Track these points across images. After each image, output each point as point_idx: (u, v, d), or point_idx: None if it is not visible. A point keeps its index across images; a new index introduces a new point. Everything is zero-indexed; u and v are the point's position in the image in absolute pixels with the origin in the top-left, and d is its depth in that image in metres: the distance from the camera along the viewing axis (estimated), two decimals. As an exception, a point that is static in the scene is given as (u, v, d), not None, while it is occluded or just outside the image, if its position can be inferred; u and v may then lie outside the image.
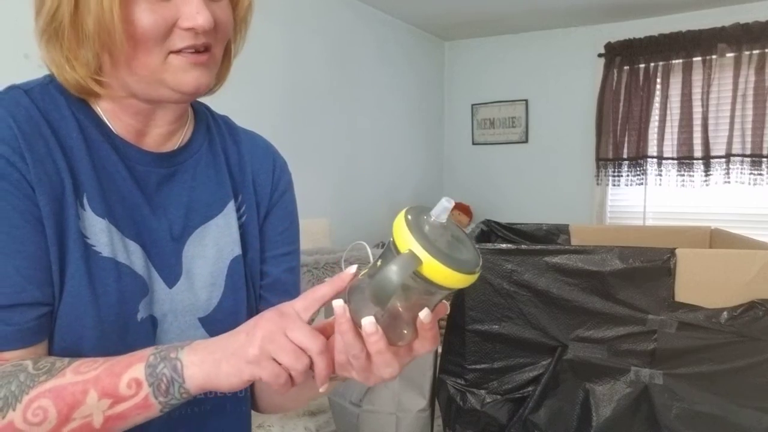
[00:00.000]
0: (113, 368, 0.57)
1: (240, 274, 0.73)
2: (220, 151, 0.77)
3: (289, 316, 0.56)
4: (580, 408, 1.27)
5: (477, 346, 1.30)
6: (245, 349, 0.54)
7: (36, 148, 0.62)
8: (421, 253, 0.49)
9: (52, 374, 0.57)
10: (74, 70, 0.63)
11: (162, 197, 0.70)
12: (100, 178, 0.66)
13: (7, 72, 2.13)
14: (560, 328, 1.28)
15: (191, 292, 0.70)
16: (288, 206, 0.81)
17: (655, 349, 1.24)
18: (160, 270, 0.69)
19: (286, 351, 0.54)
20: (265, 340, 0.54)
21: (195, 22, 0.61)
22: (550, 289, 1.27)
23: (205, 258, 0.72)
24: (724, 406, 1.21)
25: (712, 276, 1.23)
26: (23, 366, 0.57)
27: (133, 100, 0.67)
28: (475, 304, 1.30)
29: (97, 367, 0.57)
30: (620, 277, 1.24)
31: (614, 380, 1.26)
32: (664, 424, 1.22)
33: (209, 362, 0.56)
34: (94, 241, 0.64)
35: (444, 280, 0.50)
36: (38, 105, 0.64)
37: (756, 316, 1.19)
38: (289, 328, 0.55)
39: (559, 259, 1.27)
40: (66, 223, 0.62)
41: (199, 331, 0.70)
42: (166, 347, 0.58)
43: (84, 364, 0.58)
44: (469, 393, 1.30)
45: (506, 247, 1.30)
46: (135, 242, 0.67)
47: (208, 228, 0.73)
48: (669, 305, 1.23)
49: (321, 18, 3.44)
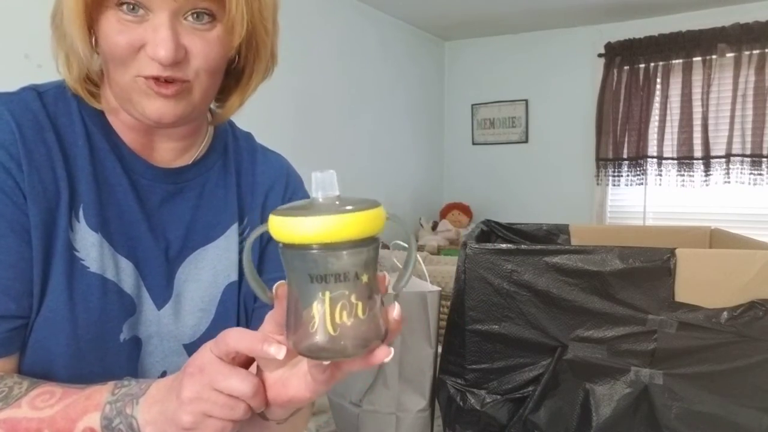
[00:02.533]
0: (68, 412, 0.54)
1: (233, 302, 0.70)
2: (233, 171, 0.74)
3: (210, 367, 0.50)
4: (580, 408, 1.27)
5: (477, 346, 1.30)
6: (179, 416, 0.50)
7: (35, 155, 0.60)
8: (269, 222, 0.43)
9: (8, 403, 0.55)
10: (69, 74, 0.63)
11: (163, 215, 0.68)
12: (100, 189, 0.64)
13: (7, 72, 2.13)
14: (560, 328, 1.28)
15: (176, 317, 0.67)
16: None
17: (655, 349, 1.24)
18: (151, 290, 0.66)
19: (219, 405, 0.50)
20: (195, 403, 0.50)
21: (155, 54, 0.57)
22: (550, 289, 1.27)
23: (198, 282, 0.69)
24: (724, 406, 1.21)
25: (712, 276, 1.23)
26: None
27: (126, 115, 0.65)
28: (475, 304, 1.30)
29: (53, 405, 0.55)
30: (620, 277, 1.24)
31: (614, 380, 1.26)
32: (664, 424, 1.22)
33: (160, 423, 0.52)
34: (84, 255, 0.62)
35: (288, 234, 0.41)
36: (48, 109, 0.63)
37: (756, 316, 1.19)
38: (214, 380, 0.49)
39: (559, 259, 1.27)
40: (55, 235, 0.60)
41: (182, 358, 0.66)
42: (122, 394, 0.55)
43: (39, 397, 0.55)
44: (469, 393, 1.30)
45: (506, 247, 1.30)
46: (127, 259, 0.65)
47: (206, 250, 0.70)
48: (669, 305, 1.23)
49: (321, 18, 3.44)
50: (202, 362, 0.50)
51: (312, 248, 0.41)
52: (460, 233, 4.31)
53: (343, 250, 0.42)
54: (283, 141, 3.54)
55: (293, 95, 3.24)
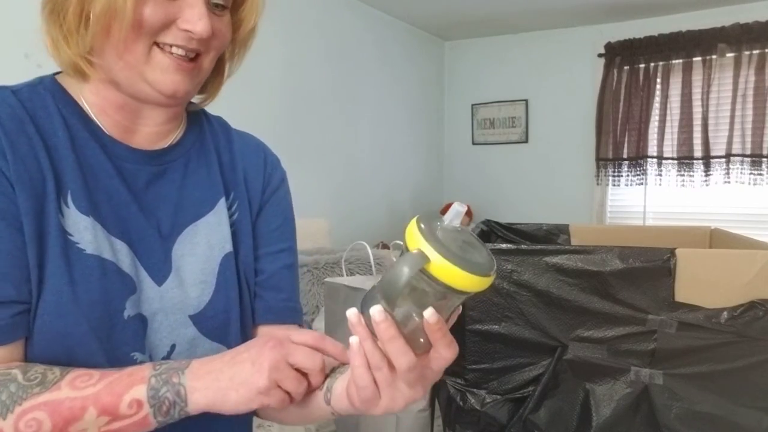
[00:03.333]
0: (113, 387, 0.58)
1: (232, 272, 0.73)
2: (212, 150, 0.77)
3: (287, 343, 0.60)
4: (580, 408, 1.27)
5: (477, 346, 1.30)
6: (255, 380, 0.57)
7: (18, 146, 0.62)
8: (429, 252, 0.49)
9: (46, 387, 0.57)
10: (68, 47, 0.64)
11: (151, 195, 0.70)
12: (86, 176, 0.66)
13: (7, 72, 2.12)
14: (560, 328, 1.28)
15: (181, 289, 0.70)
16: (281, 203, 0.81)
17: (655, 349, 1.24)
18: (149, 268, 0.68)
19: (290, 378, 0.59)
20: (273, 371, 0.58)
21: (194, 27, 0.63)
22: (550, 289, 1.27)
23: (195, 255, 0.71)
24: (724, 406, 1.21)
25: (712, 276, 1.23)
26: (12, 375, 0.57)
27: (117, 93, 0.67)
28: (475, 304, 1.30)
29: (95, 384, 0.58)
30: (620, 277, 1.24)
31: (614, 380, 1.26)
32: (664, 424, 1.22)
33: (214, 389, 0.58)
34: (78, 238, 0.64)
35: (453, 280, 0.49)
36: (24, 104, 0.65)
37: (756, 316, 1.19)
38: (290, 354, 0.59)
39: (559, 259, 1.27)
40: (46, 221, 0.62)
41: (190, 329, 0.70)
42: (165, 369, 0.59)
43: (79, 378, 0.58)
44: (469, 393, 1.30)
45: (506, 247, 1.30)
46: (121, 240, 0.67)
47: (198, 226, 0.73)
48: (669, 305, 1.23)
49: (321, 18, 3.44)
50: (280, 338, 0.60)
51: (463, 293, 0.51)
52: (460, 233, 4.31)
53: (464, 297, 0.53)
54: (283, 141, 3.54)
55: (293, 95, 3.24)
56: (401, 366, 0.53)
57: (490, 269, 0.50)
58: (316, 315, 2.00)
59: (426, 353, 0.55)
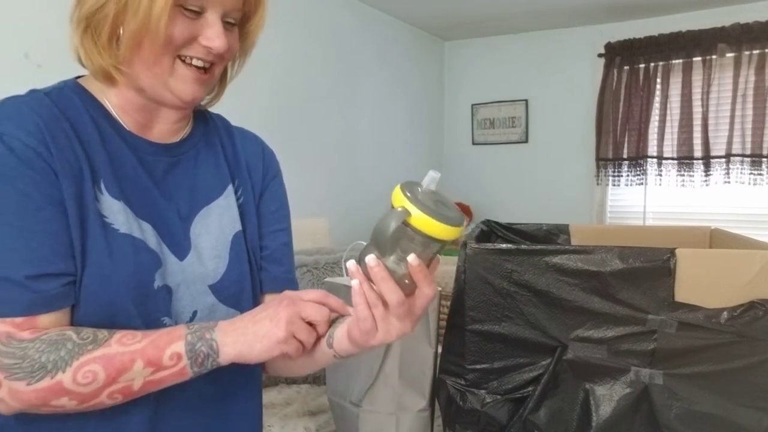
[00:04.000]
0: (156, 343, 0.69)
1: (242, 248, 0.84)
2: (217, 143, 0.88)
3: (299, 300, 0.72)
4: (580, 408, 1.27)
5: (477, 346, 1.30)
6: (274, 332, 0.70)
7: (58, 140, 0.72)
8: (410, 208, 0.62)
9: (98, 344, 0.68)
10: (101, 58, 0.74)
11: (169, 182, 0.81)
12: (114, 166, 0.76)
13: (7, 72, 2.13)
14: (560, 328, 1.28)
15: (200, 263, 0.80)
16: (278, 189, 0.92)
17: (655, 349, 1.24)
18: (171, 246, 0.78)
19: (303, 330, 0.71)
20: (288, 324, 0.70)
21: (213, 44, 0.74)
22: (550, 289, 1.27)
23: (210, 234, 0.82)
24: (724, 406, 1.21)
25: (712, 276, 1.23)
26: (68, 336, 0.68)
27: (139, 97, 0.78)
28: (475, 304, 1.30)
29: (140, 341, 0.69)
30: (620, 277, 1.24)
31: (614, 380, 1.26)
32: (664, 424, 1.22)
33: (241, 342, 0.70)
34: (112, 219, 0.74)
35: (430, 230, 0.62)
36: (57, 104, 0.74)
37: (756, 316, 1.19)
38: (302, 310, 0.71)
39: (559, 259, 1.27)
40: (86, 205, 0.72)
41: (209, 297, 0.80)
42: (198, 327, 0.71)
43: (125, 336, 0.69)
44: (469, 393, 1.30)
45: (506, 247, 1.30)
46: (147, 222, 0.77)
47: (210, 209, 0.84)
48: (669, 305, 1.23)
49: (321, 18, 3.44)
50: (292, 297, 0.72)
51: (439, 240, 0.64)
52: (460, 233, 4.31)
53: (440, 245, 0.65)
54: (283, 140, 3.54)
55: (293, 95, 3.24)
56: (392, 302, 0.66)
57: (460, 222, 0.63)
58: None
59: (412, 293, 0.67)
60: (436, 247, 0.64)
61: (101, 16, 0.72)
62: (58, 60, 2.13)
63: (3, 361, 0.66)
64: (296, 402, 1.79)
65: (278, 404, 1.77)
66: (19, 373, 0.66)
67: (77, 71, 1.05)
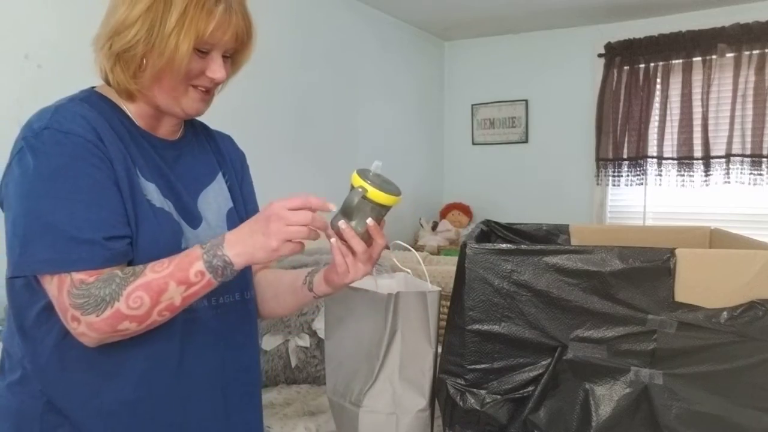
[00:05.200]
0: (180, 266, 0.88)
1: (234, 221, 1.08)
2: (204, 141, 1.13)
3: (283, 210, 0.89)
4: (580, 408, 1.27)
5: (477, 346, 1.30)
6: (269, 244, 0.89)
7: (105, 135, 0.92)
8: (366, 186, 0.93)
9: (137, 276, 0.87)
10: (128, 84, 0.95)
11: (178, 170, 1.04)
12: (143, 156, 0.98)
13: (7, 72, 2.13)
14: (560, 328, 1.28)
15: (209, 231, 1.03)
16: (249, 176, 1.21)
17: (655, 349, 1.24)
18: (186, 219, 1.01)
19: (293, 232, 0.89)
20: (277, 234, 0.88)
21: (216, 76, 0.98)
22: (550, 289, 1.27)
23: (210, 210, 1.06)
24: (724, 406, 1.21)
25: (712, 276, 1.23)
26: (114, 273, 0.87)
27: (150, 108, 1.00)
28: (475, 304, 1.30)
29: (168, 267, 0.88)
30: (620, 277, 1.24)
31: (614, 380, 1.26)
32: (664, 424, 1.22)
33: (245, 254, 0.90)
34: (150, 197, 0.96)
35: (380, 200, 0.94)
36: (94, 108, 0.95)
37: (756, 316, 1.19)
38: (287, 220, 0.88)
39: (559, 259, 1.27)
40: (132, 185, 0.93)
41: None
42: (209, 247, 0.90)
43: (156, 265, 0.88)
44: (469, 393, 1.30)
45: (506, 247, 1.30)
46: (169, 200, 0.99)
47: (208, 191, 1.08)
48: (669, 305, 1.23)
49: (321, 18, 3.44)
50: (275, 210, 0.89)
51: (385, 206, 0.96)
52: (460, 233, 4.31)
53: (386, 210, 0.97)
54: (283, 140, 3.54)
55: (293, 95, 3.24)
56: (359, 251, 0.95)
57: (399, 193, 0.96)
58: (316, 315, 2.00)
59: (370, 245, 0.97)
60: (384, 212, 0.96)
61: (130, 54, 0.93)
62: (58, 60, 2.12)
63: (77, 302, 0.85)
64: (296, 402, 1.79)
65: (278, 404, 1.77)
66: (89, 308, 0.85)
67: (77, 71, 1.07)
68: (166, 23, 0.92)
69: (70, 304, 0.86)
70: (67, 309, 0.86)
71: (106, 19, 0.95)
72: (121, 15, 0.93)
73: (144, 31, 0.92)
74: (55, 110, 0.91)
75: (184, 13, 0.93)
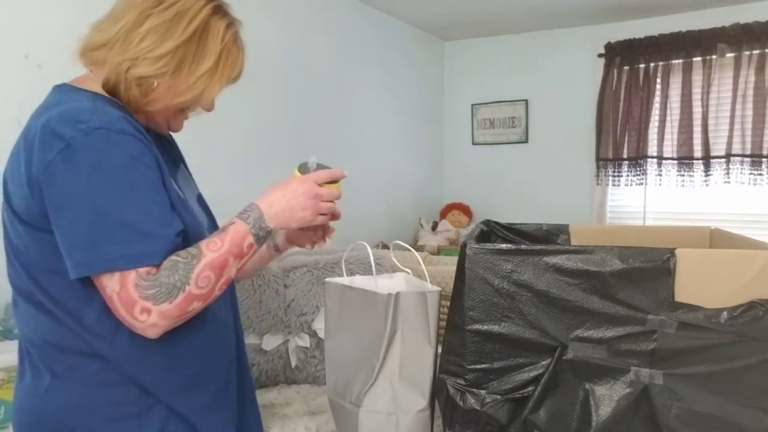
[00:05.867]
0: (234, 242, 0.98)
1: (204, 205, 1.21)
2: (165, 138, 1.19)
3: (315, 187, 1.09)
4: (580, 408, 1.27)
5: (477, 346, 1.30)
6: (304, 215, 1.08)
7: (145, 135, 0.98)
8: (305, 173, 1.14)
9: (198, 258, 0.94)
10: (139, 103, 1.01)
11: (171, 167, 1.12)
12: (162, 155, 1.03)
13: (7, 72, 2.13)
14: (560, 328, 1.28)
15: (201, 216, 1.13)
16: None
17: (655, 349, 1.24)
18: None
19: (326, 208, 1.11)
20: (316, 208, 1.09)
21: (210, 109, 1.10)
22: (550, 289, 1.27)
23: (191, 199, 1.14)
24: (724, 406, 1.21)
25: (712, 276, 1.23)
26: (174, 260, 0.93)
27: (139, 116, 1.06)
28: (475, 304, 1.30)
29: (223, 244, 0.97)
30: (620, 277, 1.24)
31: (614, 380, 1.26)
32: (664, 424, 1.22)
33: (284, 224, 1.06)
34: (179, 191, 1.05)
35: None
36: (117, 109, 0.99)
37: (756, 316, 1.19)
38: (320, 195, 1.10)
39: (558, 259, 1.27)
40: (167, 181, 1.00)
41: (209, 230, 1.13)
42: (254, 220, 1.02)
43: (210, 244, 0.96)
44: (469, 393, 1.30)
45: (506, 247, 1.30)
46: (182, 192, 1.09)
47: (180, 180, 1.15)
48: (669, 305, 1.23)
49: (321, 18, 3.44)
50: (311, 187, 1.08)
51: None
52: (460, 233, 4.31)
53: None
54: (283, 140, 3.53)
55: (293, 95, 3.24)
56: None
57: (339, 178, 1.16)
58: (316, 315, 2.00)
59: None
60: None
61: (148, 82, 0.99)
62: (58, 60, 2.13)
63: (148, 293, 0.89)
64: (296, 402, 1.79)
65: (278, 404, 1.77)
66: (161, 297, 0.89)
67: (76, 72, 1.07)
68: (197, 67, 1.00)
69: (140, 296, 0.88)
70: (135, 302, 0.88)
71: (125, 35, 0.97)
72: (148, 44, 0.96)
73: (171, 67, 0.98)
74: (95, 110, 0.93)
75: (217, 63, 1.02)
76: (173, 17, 0.98)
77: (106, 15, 1.02)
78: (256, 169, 2.91)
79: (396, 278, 1.49)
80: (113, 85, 0.98)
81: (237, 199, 1.25)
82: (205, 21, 1.01)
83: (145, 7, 0.97)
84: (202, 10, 1.00)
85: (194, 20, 0.99)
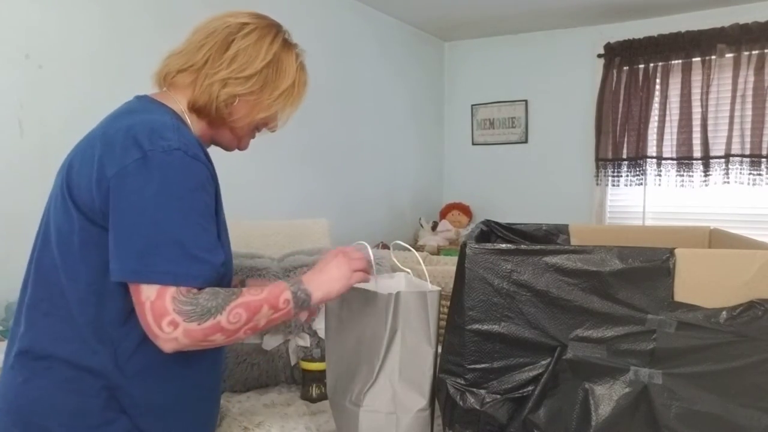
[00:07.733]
0: (272, 293, 1.03)
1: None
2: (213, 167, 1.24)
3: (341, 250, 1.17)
4: (580, 408, 1.27)
5: (477, 346, 1.30)
6: (343, 276, 1.13)
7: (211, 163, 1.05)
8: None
9: (237, 295, 0.98)
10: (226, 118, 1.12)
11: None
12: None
13: (8, 72, 2.12)
14: (560, 328, 1.28)
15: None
16: None
17: (655, 349, 1.24)
18: None
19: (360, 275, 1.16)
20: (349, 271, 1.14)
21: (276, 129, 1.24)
22: (549, 289, 1.27)
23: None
24: (724, 406, 1.21)
25: (712, 276, 1.23)
26: (217, 290, 0.98)
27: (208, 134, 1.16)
28: (475, 304, 1.30)
29: (262, 291, 1.02)
30: (619, 277, 1.24)
31: (614, 380, 1.26)
32: (664, 424, 1.23)
33: (323, 289, 1.11)
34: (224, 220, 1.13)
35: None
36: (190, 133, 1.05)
37: (755, 316, 1.19)
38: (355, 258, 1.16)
39: (558, 259, 1.27)
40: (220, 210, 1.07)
41: None
42: (293, 281, 1.07)
43: (251, 290, 1.01)
44: (468, 393, 1.30)
45: (506, 247, 1.31)
46: None
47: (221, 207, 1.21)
48: (668, 305, 1.23)
49: (321, 18, 3.44)
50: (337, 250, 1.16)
51: None
52: (460, 233, 4.31)
53: None
54: (283, 141, 3.53)
55: (293, 95, 3.24)
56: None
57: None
58: (316, 315, 2.00)
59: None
60: None
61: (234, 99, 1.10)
62: (59, 60, 2.12)
63: (183, 308, 0.93)
64: (296, 402, 1.79)
65: (278, 404, 1.77)
66: (194, 316, 0.93)
67: (76, 72, 1.07)
68: (278, 85, 1.13)
69: (174, 310, 0.92)
70: (166, 314, 0.92)
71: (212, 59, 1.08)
72: (237, 66, 1.07)
73: (259, 86, 1.09)
74: (176, 129, 1.00)
75: (293, 85, 1.18)
76: (257, 41, 1.11)
77: (184, 44, 1.13)
78: (256, 169, 2.91)
79: (396, 278, 1.49)
80: (203, 104, 1.07)
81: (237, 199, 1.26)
82: (282, 44, 1.18)
83: (228, 32, 1.09)
84: (277, 35, 1.17)
85: (274, 43, 1.15)
